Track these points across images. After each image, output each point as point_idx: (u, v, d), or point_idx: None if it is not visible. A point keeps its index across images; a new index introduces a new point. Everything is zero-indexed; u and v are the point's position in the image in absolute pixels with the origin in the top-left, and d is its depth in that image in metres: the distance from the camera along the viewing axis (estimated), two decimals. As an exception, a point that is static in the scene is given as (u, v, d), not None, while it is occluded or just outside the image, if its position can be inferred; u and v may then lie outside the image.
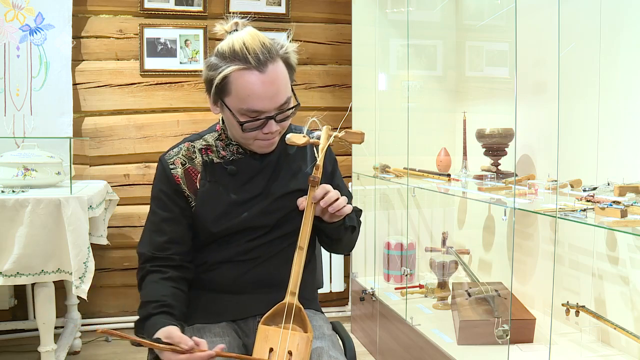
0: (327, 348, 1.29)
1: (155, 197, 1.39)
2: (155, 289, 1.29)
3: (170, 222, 1.36)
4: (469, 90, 2.93)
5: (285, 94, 1.29)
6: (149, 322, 1.22)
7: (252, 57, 1.23)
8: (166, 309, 1.24)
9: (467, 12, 2.96)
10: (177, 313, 1.26)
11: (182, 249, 1.36)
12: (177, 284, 1.32)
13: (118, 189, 3.01)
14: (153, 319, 1.22)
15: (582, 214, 1.57)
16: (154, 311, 1.24)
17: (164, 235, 1.35)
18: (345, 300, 3.35)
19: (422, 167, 2.63)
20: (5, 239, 2.10)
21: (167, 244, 1.34)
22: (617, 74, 1.94)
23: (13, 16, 2.79)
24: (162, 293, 1.28)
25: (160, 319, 1.21)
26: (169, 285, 1.30)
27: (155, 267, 1.33)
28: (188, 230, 1.37)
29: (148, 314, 1.24)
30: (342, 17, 3.23)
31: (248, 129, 1.29)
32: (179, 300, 1.30)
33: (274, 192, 1.39)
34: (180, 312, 1.28)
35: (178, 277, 1.33)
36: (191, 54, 3.06)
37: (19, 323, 2.88)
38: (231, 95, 1.27)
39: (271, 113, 1.28)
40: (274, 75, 1.25)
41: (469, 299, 2.25)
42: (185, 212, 1.37)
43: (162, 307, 1.24)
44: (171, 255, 1.34)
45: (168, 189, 1.37)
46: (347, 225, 1.40)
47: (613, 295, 1.97)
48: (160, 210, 1.37)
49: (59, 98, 2.86)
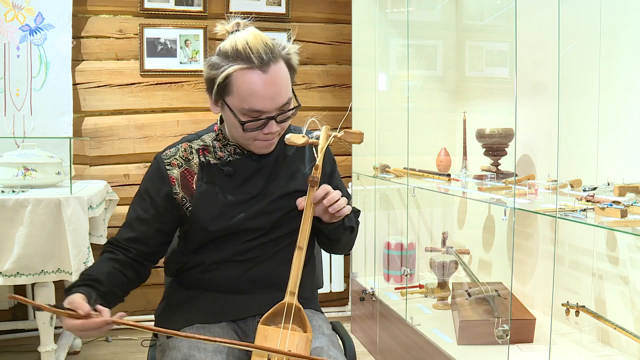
0: (326, 348, 1.29)
1: (139, 193, 1.41)
2: (95, 266, 1.33)
3: (142, 222, 1.38)
4: (469, 90, 2.92)
5: (286, 95, 1.29)
6: (70, 292, 1.22)
7: (255, 57, 1.23)
8: (91, 283, 1.25)
9: (467, 12, 2.96)
10: (103, 289, 1.26)
11: (144, 249, 1.38)
12: (121, 266, 1.33)
13: (118, 189, 3.01)
14: (74, 290, 1.22)
15: (582, 214, 1.57)
16: (78, 282, 1.25)
17: (132, 232, 1.38)
18: (345, 300, 3.35)
19: (422, 167, 2.63)
20: (5, 239, 2.10)
21: (132, 242, 1.37)
22: (617, 74, 1.94)
23: (13, 16, 2.79)
24: (98, 270, 1.30)
25: (78, 290, 1.21)
26: (111, 264, 1.32)
27: (110, 249, 1.36)
28: (156, 234, 1.39)
29: (73, 284, 1.25)
30: (342, 17, 3.23)
31: (249, 129, 1.29)
32: (112, 280, 1.30)
33: (272, 192, 1.39)
34: (109, 290, 1.28)
35: (126, 262, 1.35)
36: (191, 54, 3.06)
37: (19, 323, 2.88)
38: (233, 95, 1.27)
39: (272, 113, 1.28)
40: (276, 75, 1.26)
41: (469, 299, 2.25)
42: (163, 217, 1.38)
43: (88, 281, 1.25)
44: (130, 249, 1.37)
45: (154, 189, 1.38)
46: (346, 226, 1.41)
47: (613, 295, 1.97)
48: (138, 207, 1.40)
49: (59, 98, 2.86)
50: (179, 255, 1.46)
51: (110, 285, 1.29)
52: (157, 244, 1.40)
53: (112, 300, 1.28)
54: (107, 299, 1.24)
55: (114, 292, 1.30)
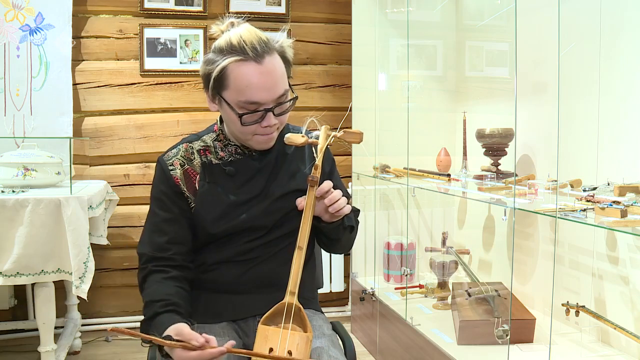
0: (327, 348, 1.29)
1: (155, 197, 1.39)
2: (159, 289, 1.29)
3: (171, 222, 1.36)
4: (469, 90, 2.92)
5: (282, 86, 1.30)
6: (156, 321, 1.21)
7: (250, 49, 1.25)
8: (172, 307, 1.24)
9: (467, 12, 2.96)
10: (183, 311, 1.25)
11: (182, 249, 1.35)
12: (180, 283, 1.32)
13: (118, 189, 3.01)
14: (160, 318, 1.21)
15: (582, 214, 1.57)
16: (160, 310, 1.23)
17: (164, 236, 1.34)
18: (345, 300, 3.35)
19: (422, 167, 2.63)
20: (5, 239, 2.10)
21: (168, 244, 1.34)
22: (617, 74, 1.94)
23: (13, 16, 2.79)
24: (167, 292, 1.27)
25: (167, 317, 1.20)
26: (173, 284, 1.30)
27: (158, 267, 1.32)
28: (188, 230, 1.37)
29: (154, 312, 1.23)
30: (342, 17, 3.23)
31: (247, 122, 1.30)
32: (183, 299, 1.29)
33: (273, 192, 1.39)
34: (186, 310, 1.28)
35: (180, 276, 1.33)
36: (191, 54, 3.06)
37: (19, 323, 2.87)
38: (229, 89, 1.27)
39: (269, 105, 1.29)
40: (271, 66, 1.27)
41: (469, 299, 2.25)
42: (185, 212, 1.37)
43: (168, 306, 1.23)
44: (172, 256, 1.33)
45: (168, 189, 1.37)
46: (346, 225, 1.41)
47: (613, 295, 1.97)
48: (160, 210, 1.37)
49: (59, 98, 2.86)
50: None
51: (185, 305, 1.28)
52: (191, 240, 1.38)
53: (190, 319, 1.26)
54: (188, 319, 1.23)
55: (189, 311, 1.29)
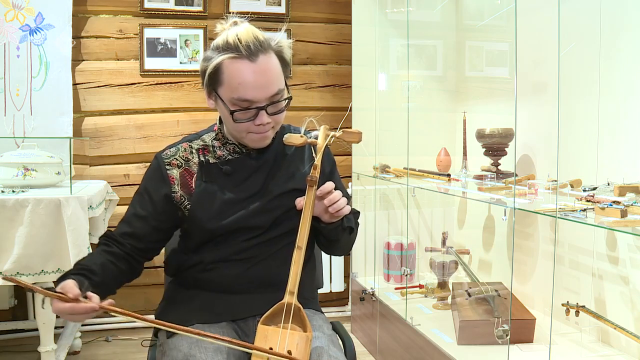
0: (327, 347, 1.29)
1: (139, 191, 1.43)
2: (89, 257, 1.36)
3: (140, 219, 1.40)
4: (469, 90, 2.92)
5: (276, 86, 1.30)
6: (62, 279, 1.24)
7: (244, 47, 1.26)
8: (84, 272, 1.27)
9: (467, 12, 2.96)
10: (96, 279, 1.28)
11: (138, 245, 1.40)
12: (114, 258, 1.35)
13: (118, 189, 3.01)
14: (67, 277, 1.24)
15: (582, 214, 1.57)
16: (72, 271, 1.28)
17: (128, 228, 1.40)
18: (345, 300, 3.35)
19: (422, 167, 2.63)
20: (5, 239, 2.10)
21: (127, 236, 1.39)
22: (617, 74, 1.94)
23: (13, 16, 2.79)
24: (93, 261, 1.32)
25: (71, 277, 1.23)
26: (105, 257, 1.35)
27: (105, 242, 1.39)
28: (152, 231, 1.40)
29: (66, 273, 1.27)
30: (342, 17, 3.23)
31: (239, 120, 1.30)
32: (105, 271, 1.32)
33: (271, 190, 1.40)
34: (101, 280, 1.30)
35: (120, 255, 1.37)
36: (191, 54, 3.06)
37: (19, 323, 2.88)
38: (223, 85, 1.29)
39: (262, 103, 1.30)
40: (265, 65, 1.28)
41: (469, 299, 2.25)
42: (160, 216, 1.40)
43: (82, 271, 1.28)
44: (126, 243, 1.38)
45: (153, 189, 1.40)
46: (345, 226, 1.41)
47: (613, 295, 1.97)
48: (137, 204, 1.42)
49: (59, 98, 2.86)
50: (179, 255, 1.46)
51: (103, 276, 1.31)
52: (152, 241, 1.42)
53: (104, 290, 1.29)
54: (100, 289, 1.26)
55: (107, 283, 1.32)
